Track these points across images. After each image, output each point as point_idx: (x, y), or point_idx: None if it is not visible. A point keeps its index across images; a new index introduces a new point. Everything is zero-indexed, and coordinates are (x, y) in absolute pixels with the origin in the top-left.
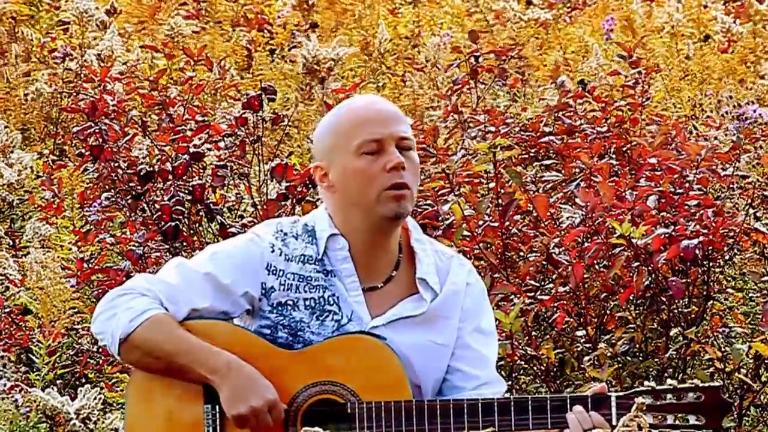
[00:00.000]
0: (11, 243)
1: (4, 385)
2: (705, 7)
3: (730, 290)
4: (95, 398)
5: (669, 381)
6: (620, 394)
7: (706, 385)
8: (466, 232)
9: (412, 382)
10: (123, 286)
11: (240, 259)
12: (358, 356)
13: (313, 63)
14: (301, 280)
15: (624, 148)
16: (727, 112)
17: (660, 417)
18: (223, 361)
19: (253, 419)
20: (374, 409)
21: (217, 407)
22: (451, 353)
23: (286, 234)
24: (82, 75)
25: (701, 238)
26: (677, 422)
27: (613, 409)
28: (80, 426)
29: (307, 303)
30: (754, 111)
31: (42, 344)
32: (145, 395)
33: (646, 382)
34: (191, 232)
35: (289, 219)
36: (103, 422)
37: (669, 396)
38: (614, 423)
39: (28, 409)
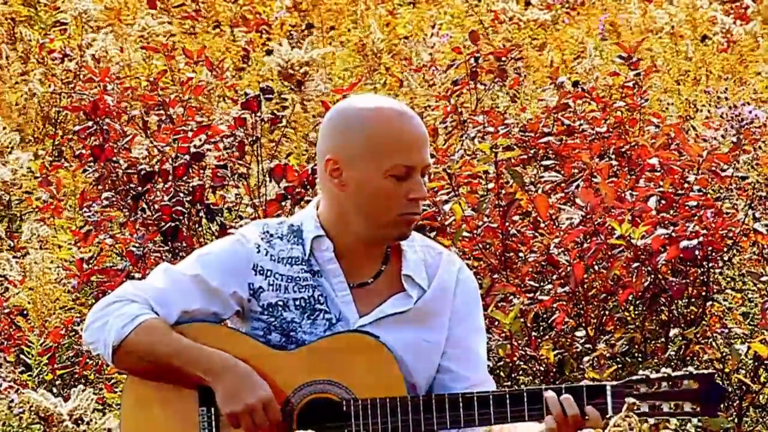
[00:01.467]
0: (11, 244)
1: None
2: (701, 7)
3: (729, 291)
4: (88, 399)
5: (663, 369)
6: (615, 383)
7: (701, 372)
8: (466, 233)
9: (407, 380)
10: (111, 294)
11: (226, 260)
12: (354, 355)
13: (288, 68)
14: (289, 281)
15: (623, 149)
16: (724, 114)
17: (656, 405)
18: (218, 361)
19: (248, 417)
20: (369, 407)
21: (213, 410)
22: (443, 352)
23: (272, 235)
24: (81, 75)
25: (700, 239)
26: (673, 410)
27: (608, 398)
28: (73, 427)
29: (297, 303)
30: (750, 112)
31: (33, 344)
32: (140, 401)
33: (641, 371)
34: (191, 232)
35: (275, 220)
36: (95, 423)
37: (664, 384)
38: (609, 413)
39: (21, 410)
